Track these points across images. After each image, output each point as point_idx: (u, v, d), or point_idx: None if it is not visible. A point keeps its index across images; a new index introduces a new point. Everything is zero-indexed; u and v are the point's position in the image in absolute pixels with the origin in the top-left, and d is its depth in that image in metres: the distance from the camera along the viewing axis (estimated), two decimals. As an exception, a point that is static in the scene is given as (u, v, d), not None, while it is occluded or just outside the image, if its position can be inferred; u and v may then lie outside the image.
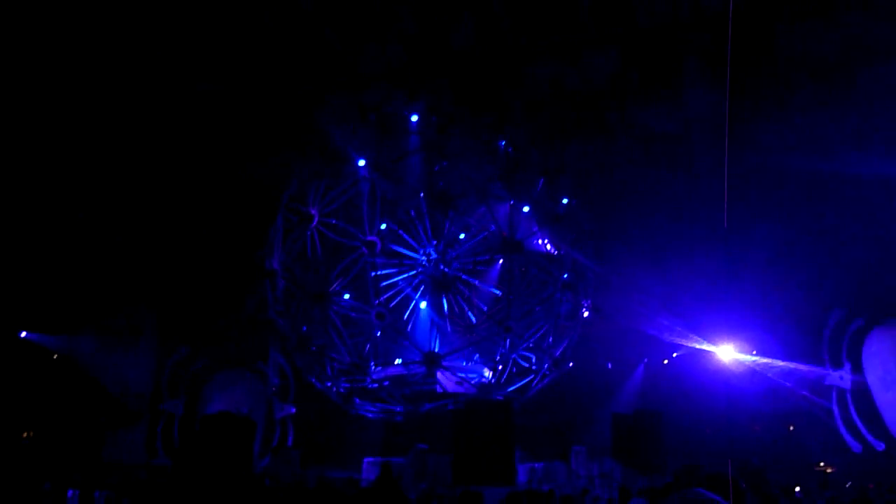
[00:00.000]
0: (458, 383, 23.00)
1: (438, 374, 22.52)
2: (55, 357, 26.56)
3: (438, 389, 22.97)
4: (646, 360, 31.40)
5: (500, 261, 24.24)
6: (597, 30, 21.71)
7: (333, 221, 23.04)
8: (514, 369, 24.22)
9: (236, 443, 17.68)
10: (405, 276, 24.43)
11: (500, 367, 23.27)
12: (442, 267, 23.70)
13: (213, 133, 25.65)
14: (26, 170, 24.27)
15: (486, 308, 24.47)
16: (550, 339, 23.51)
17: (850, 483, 17.11)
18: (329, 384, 23.91)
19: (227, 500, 11.41)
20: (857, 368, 23.79)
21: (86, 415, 24.68)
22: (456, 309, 24.96)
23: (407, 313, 25.03)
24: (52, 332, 26.55)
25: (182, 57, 23.08)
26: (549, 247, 23.54)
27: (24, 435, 23.94)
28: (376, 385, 23.24)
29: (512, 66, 23.50)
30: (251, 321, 25.06)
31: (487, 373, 24.20)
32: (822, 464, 27.05)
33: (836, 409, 24.45)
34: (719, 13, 20.93)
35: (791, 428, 29.21)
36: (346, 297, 22.96)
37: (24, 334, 25.94)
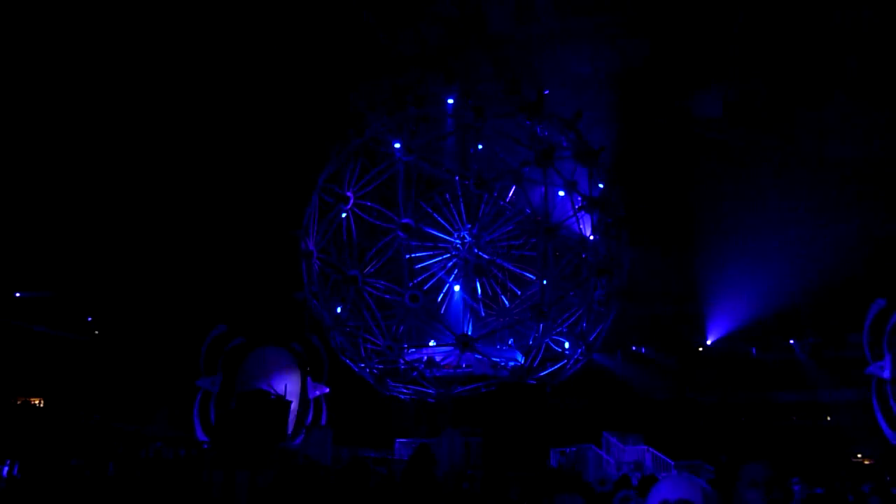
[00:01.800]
0: (491, 367, 23.01)
1: (473, 357, 22.57)
2: (96, 332, 27.20)
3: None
4: (679, 346, 31.12)
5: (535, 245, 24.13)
6: (635, 11, 21.43)
7: (369, 203, 23.13)
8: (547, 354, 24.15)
9: (271, 420, 17.96)
10: (439, 258, 24.46)
11: (533, 352, 23.23)
12: (476, 250, 23.68)
13: (250, 114, 25.87)
14: (63, 151, 24.77)
15: (519, 292, 24.41)
16: (584, 324, 23.37)
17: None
18: (362, 365, 24.11)
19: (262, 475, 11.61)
20: (898, 359, 23.28)
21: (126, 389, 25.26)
22: (490, 292, 24.95)
23: (440, 296, 25.09)
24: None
25: (220, 38, 23.27)
26: (584, 231, 23.34)
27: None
28: (407, 367, 23.33)
29: (549, 49, 23.32)
30: (287, 301, 25.31)
31: (520, 357, 24.17)
32: (859, 455, 26.63)
33: (875, 399, 23.99)
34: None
35: (828, 418, 28.79)
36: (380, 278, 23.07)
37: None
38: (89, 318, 27.76)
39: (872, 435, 24.61)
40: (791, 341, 29.89)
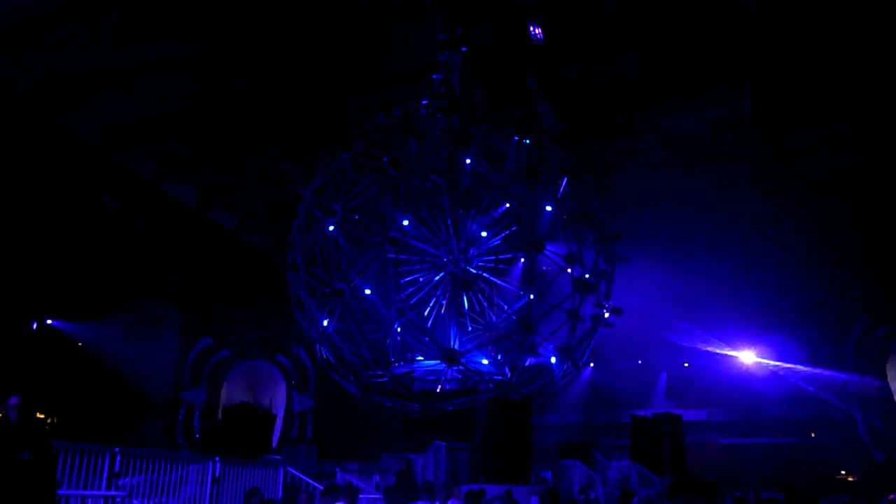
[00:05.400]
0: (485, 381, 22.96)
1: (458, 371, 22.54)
2: (80, 344, 26.95)
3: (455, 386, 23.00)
4: (665, 363, 31.24)
5: (522, 260, 24.20)
6: (623, 29, 21.63)
7: (356, 217, 23.10)
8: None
9: (256, 433, 17.88)
10: (426, 273, 24.45)
11: (520, 366, 23.21)
12: (463, 264, 23.68)
13: (238, 126, 25.86)
14: (50, 156, 24.62)
15: (506, 307, 24.42)
16: (570, 339, 23.39)
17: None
18: (349, 378, 24.01)
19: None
20: (882, 376, 23.52)
21: (108, 402, 25.01)
22: (476, 307, 24.94)
23: (427, 310, 25.05)
24: (77, 320, 26.93)
25: (210, 51, 23.27)
26: (571, 247, 23.42)
27: (48, 420, 24.28)
28: (393, 382, 23.25)
29: (537, 65, 23.47)
30: (272, 314, 25.23)
31: (506, 372, 24.15)
32: (843, 472, 26.76)
33: (859, 416, 24.17)
34: (745, 13, 20.79)
35: (812, 435, 28.90)
36: (367, 292, 23.01)
37: (49, 321, 26.33)
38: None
39: (857, 452, 24.77)
40: (775, 357, 30.06)
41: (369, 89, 24.94)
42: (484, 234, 24.55)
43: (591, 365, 28.77)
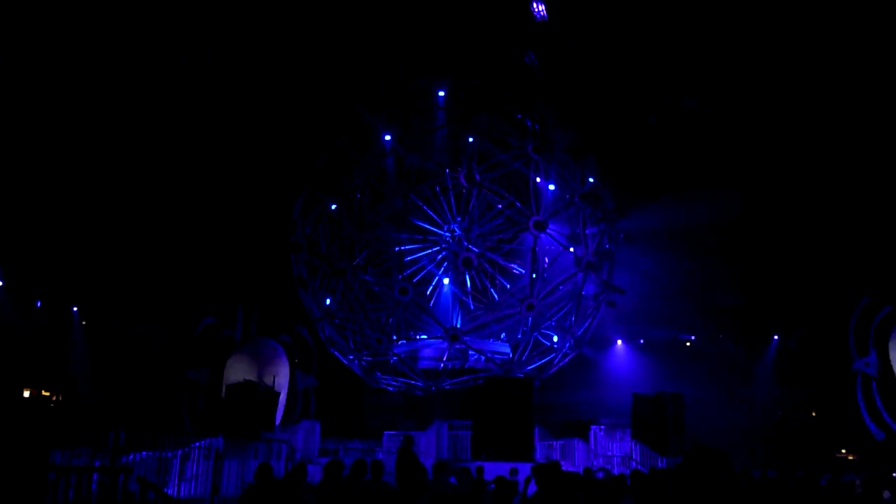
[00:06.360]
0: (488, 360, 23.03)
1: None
2: (83, 323, 27.04)
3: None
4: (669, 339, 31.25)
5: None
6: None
7: (359, 196, 23.07)
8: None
9: (259, 412, 17.96)
10: (429, 251, 24.45)
11: (522, 345, 23.29)
12: (465, 243, 23.67)
13: (242, 107, 25.78)
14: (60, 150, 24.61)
15: (508, 286, 24.45)
16: (573, 318, 23.44)
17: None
18: (351, 357, 24.10)
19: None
20: (884, 356, 23.49)
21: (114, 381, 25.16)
22: (479, 286, 24.96)
23: (430, 289, 25.09)
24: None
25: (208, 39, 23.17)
26: (574, 226, 23.39)
27: (54, 398, 24.44)
28: (396, 359, 23.35)
29: (542, 42, 23.32)
30: (276, 293, 25.24)
31: (508, 350, 24.23)
32: (843, 450, 26.84)
33: (860, 395, 24.20)
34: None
35: (813, 414, 29.00)
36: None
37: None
38: (75, 309, 27.55)
39: (857, 431, 24.83)
40: (775, 336, 30.08)
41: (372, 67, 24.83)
42: (486, 212, 24.53)
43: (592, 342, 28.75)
